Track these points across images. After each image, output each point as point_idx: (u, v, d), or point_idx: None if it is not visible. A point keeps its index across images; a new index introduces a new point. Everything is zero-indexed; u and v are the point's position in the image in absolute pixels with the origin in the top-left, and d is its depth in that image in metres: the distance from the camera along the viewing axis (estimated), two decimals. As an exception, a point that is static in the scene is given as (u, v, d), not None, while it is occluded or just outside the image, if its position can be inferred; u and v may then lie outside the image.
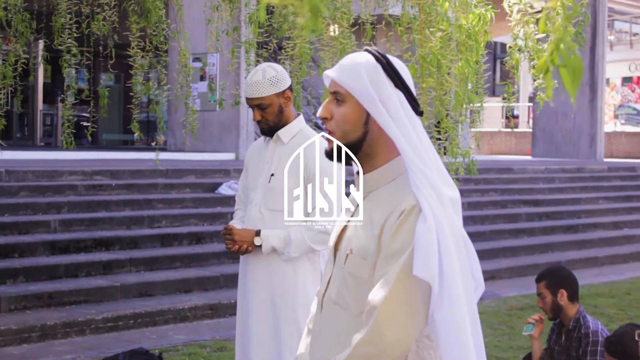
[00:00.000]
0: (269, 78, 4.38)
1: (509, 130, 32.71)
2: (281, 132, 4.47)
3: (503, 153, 29.28)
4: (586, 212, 15.72)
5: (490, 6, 3.96)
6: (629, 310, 9.54)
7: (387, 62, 2.58)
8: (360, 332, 2.45)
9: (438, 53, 4.20)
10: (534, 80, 5.17)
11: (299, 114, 4.55)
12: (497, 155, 26.78)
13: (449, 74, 4.87)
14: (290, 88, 4.47)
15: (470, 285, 2.53)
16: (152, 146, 20.77)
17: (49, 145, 21.81)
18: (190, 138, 7.57)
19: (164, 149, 18.71)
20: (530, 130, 26.56)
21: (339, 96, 2.59)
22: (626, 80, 35.79)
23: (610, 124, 33.19)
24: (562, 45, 2.12)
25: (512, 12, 3.62)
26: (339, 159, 2.64)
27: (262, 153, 4.57)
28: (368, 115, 2.56)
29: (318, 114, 2.65)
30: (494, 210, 14.57)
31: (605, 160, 23.66)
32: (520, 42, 3.39)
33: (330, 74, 2.62)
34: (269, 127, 4.48)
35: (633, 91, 35.62)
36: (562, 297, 5.47)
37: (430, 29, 4.52)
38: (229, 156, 16.91)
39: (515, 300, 10.07)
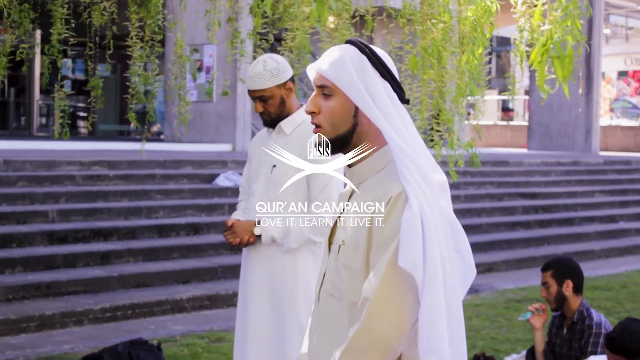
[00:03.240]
0: (270, 70, 4.36)
1: (505, 123, 32.75)
2: (283, 124, 4.46)
3: (498, 146, 29.29)
4: (582, 205, 15.76)
5: (495, -2, 3.98)
6: (625, 303, 9.57)
7: (371, 52, 2.58)
8: (356, 323, 2.46)
9: (439, 45, 4.21)
10: (530, 72, 5.18)
11: (301, 105, 4.53)
12: (493, 148, 26.79)
13: (448, 66, 4.88)
14: (292, 79, 4.44)
15: (457, 274, 2.53)
16: (149, 137, 20.75)
17: (46, 136, 21.78)
18: (186, 128, 7.56)
19: (160, 140, 18.72)
20: (526, 123, 26.58)
21: (326, 90, 2.59)
22: (622, 74, 35.81)
23: (605, 118, 33.22)
24: (555, 36, 2.14)
25: (516, 4, 3.63)
26: (328, 152, 2.64)
27: (265, 144, 4.55)
28: (356, 107, 2.57)
29: (305, 109, 2.64)
30: (490, 203, 14.60)
31: (601, 153, 23.70)
32: (526, 35, 3.40)
33: (316, 67, 2.61)
34: (271, 118, 4.46)
35: (629, 85, 35.65)
36: (568, 287, 5.48)
37: (432, 21, 4.52)
38: (226, 147, 16.90)
39: (512, 292, 10.09)
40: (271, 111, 4.43)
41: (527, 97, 25.52)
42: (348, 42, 2.63)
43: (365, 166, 2.61)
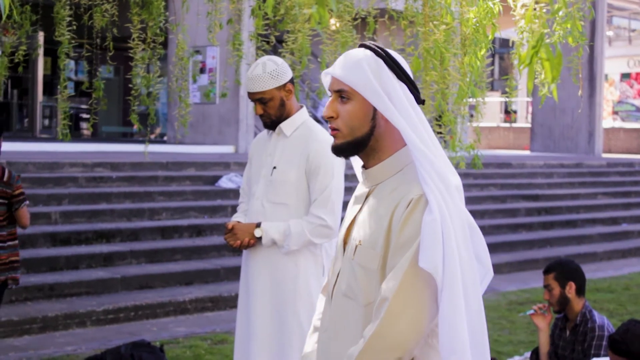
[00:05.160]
0: (270, 72, 4.36)
1: (507, 125, 32.74)
2: (284, 125, 4.46)
3: (501, 148, 29.28)
4: (585, 207, 15.76)
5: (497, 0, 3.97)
6: (628, 305, 9.56)
7: (387, 55, 2.60)
8: (373, 323, 2.47)
9: (442, 46, 4.21)
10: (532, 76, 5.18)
11: (301, 107, 4.53)
12: (496, 150, 26.78)
13: (450, 67, 4.88)
14: (291, 81, 4.44)
15: (476, 276, 2.53)
16: (152, 139, 20.78)
17: (49, 137, 21.81)
18: (186, 130, 7.57)
19: (163, 142, 18.75)
20: (529, 125, 26.57)
21: (344, 94, 2.60)
22: (625, 76, 35.80)
23: (608, 120, 33.20)
24: (553, 39, 2.15)
25: (516, 6, 3.63)
26: (347, 155, 2.67)
27: (265, 146, 4.56)
28: (375, 109, 2.58)
29: (323, 114, 2.65)
30: (493, 205, 14.60)
31: (604, 155, 23.69)
32: (527, 36, 3.41)
33: (332, 72, 2.63)
34: (271, 120, 4.46)
35: (631, 87, 35.63)
36: (571, 289, 5.48)
37: (434, 22, 4.52)
38: (229, 149, 16.92)
39: (515, 294, 10.09)
40: (271, 113, 4.43)
41: (529, 99, 25.46)
42: (362, 45, 2.65)
43: (382, 168, 2.63)
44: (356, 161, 2.76)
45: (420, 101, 2.64)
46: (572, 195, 16.34)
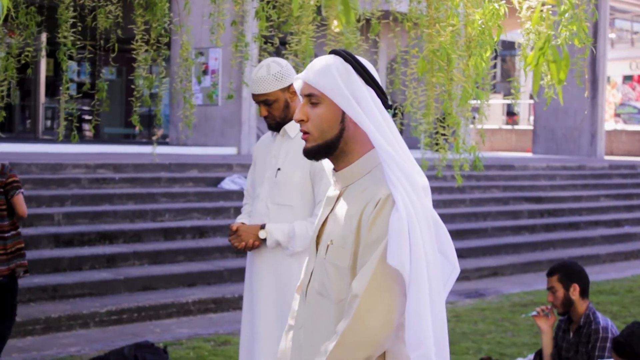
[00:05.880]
0: (274, 74, 4.37)
1: (510, 127, 32.73)
2: (288, 127, 4.46)
3: (503, 150, 29.28)
4: (587, 209, 15.75)
5: (503, 1, 3.97)
6: (631, 307, 9.55)
7: (355, 61, 2.70)
8: (344, 320, 2.57)
9: (448, 48, 4.22)
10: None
11: (306, 108, 4.53)
12: (498, 152, 26.77)
13: (455, 69, 4.88)
14: (296, 82, 4.44)
15: (439, 272, 2.62)
16: (154, 140, 20.76)
17: (51, 139, 21.83)
18: (190, 132, 7.57)
19: (165, 143, 18.75)
20: (531, 127, 26.57)
21: (313, 98, 2.71)
22: (627, 78, 35.78)
23: (610, 122, 33.18)
24: (561, 40, 2.15)
25: (522, 8, 3.63)
26: (318, 158, 2.76)
27: (270, 147, 4.56)
28: (343, 113, 2.68)
29: (294, 117, 2.76)
30: (496, 207, 14.59)
31: (606, 158, 23.68)
32: (533, 38, 3.40)
33: (303, 77, 2.73)
34: (276, 122, 4.46)
35: (634, 89, 35.61)
36: (575, 291, 5.47)
37: (441, 24, 4.53)
38: (231, 150, 16.93)
39: (518, 297, 10.09)
40: (275, 115, 4.43)
41: (532, 101, 25.46)
42: (332, 52, 2.75)
43: (352, 170, 2.72)
44: (328, 164, 2.84)
45: (387, 106, 2.74)
46: (575, 198, 16.33)
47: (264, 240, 4.39)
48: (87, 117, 22.70)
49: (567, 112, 22.84)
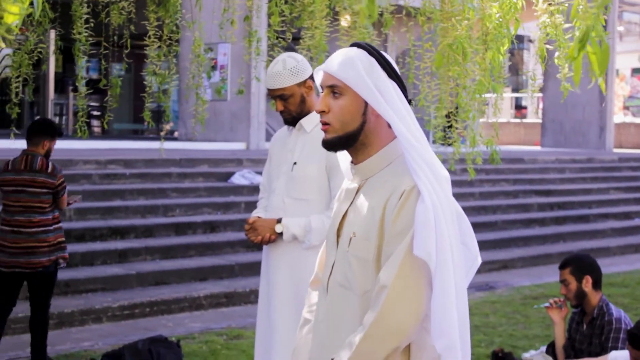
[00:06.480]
0: (290, 68, 4.37)
1: (518, 120, 32.68)
2: (304, 121, 4.46)
3: (512, 144, 29.24)
4: (597, 202, 15.74)
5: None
6: (642, 300, 9.56)
7: (379, 54, 2.72)
8: (371, 311, 2.57)
9: (464, 41, 4.23)
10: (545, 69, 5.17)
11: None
12: (507, 146, 26.74)
13: (469, 64, 4.89)
14: (312, 77, 4.44)
15: (462, 262, 2.65)
16: (163, 135, 20.78)
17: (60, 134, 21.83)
18: (200, 128, 7.60)
19: (174, 139, 18.78)
20: (539, 120, 26.53)
21: (336, 89, 2.71)
22: (635, 71, 35.71)
23: (619, 115, 33.12)
24: (593, 33, 2.16)
25: (538, 2, 3.64)
26: (337, 150, 2.77)
27: (285, 142, 4.56)
28: (366, 105, 2.69)
29: (316, 109, 2.76)
30: (506, 200, 14.60)
31: (615, 150, 23.64)
32: (550, 31, 3.41)
33: (325, 68, 2.74)
34: (292, 117, 4.47)
35: (642, 82, 35.53)
36: (587, 283, 5.49)
37: (457, 18, 4.53)
38: (240, 146, 16.94)
39: (529, 289, 10.10)
40: (291, 109, 4.44)
41: (541, 95, 25.42)
42: (355, 44, 2.76)
43: (372, 162, 2.73)
44: (344, 157, 2.85)
45: (408, 100, 2.75)
46: (585, 190, 16.32)
47: (281, 234, 4.40)
48: (95, 112, 22.73)
49: (575, 105, 22.79)
